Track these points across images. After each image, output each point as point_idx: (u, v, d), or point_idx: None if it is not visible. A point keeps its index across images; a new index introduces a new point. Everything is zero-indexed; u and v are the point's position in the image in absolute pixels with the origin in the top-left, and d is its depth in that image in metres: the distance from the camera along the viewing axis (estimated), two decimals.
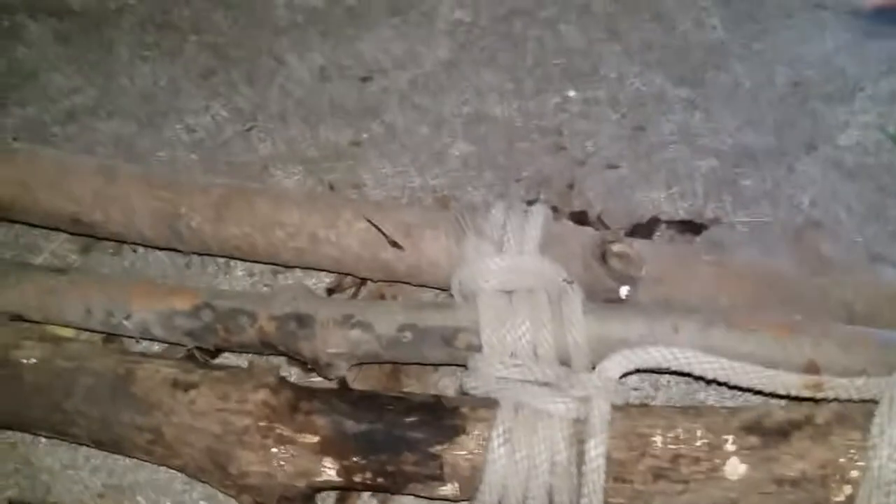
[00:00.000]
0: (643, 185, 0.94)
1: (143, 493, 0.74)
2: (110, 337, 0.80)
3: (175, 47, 1.16)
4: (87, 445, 0.73)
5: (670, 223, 0.90)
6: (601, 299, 0.75)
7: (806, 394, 0.62)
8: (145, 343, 0.80)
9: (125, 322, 0.74)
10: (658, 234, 0.89)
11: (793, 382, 0.63)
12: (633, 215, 0.91)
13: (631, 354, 0.65)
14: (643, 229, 0.90)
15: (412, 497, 0.72)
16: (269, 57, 1.13)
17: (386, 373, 0.81)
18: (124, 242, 0.84)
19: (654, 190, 0.94)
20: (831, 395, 0.62)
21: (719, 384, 0.67)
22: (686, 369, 0.64)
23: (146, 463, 0.75)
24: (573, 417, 0.63)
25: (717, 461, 0.61)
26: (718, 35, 1.11)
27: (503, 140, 1.00)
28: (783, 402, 0.66)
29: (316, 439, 0.66)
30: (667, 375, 0.79)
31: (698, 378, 0.68)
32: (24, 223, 0.88)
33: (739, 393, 0.71)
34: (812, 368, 0.66)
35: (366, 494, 0.73)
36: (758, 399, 0.69)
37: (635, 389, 0.78)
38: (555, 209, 0.89)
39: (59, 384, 0.69)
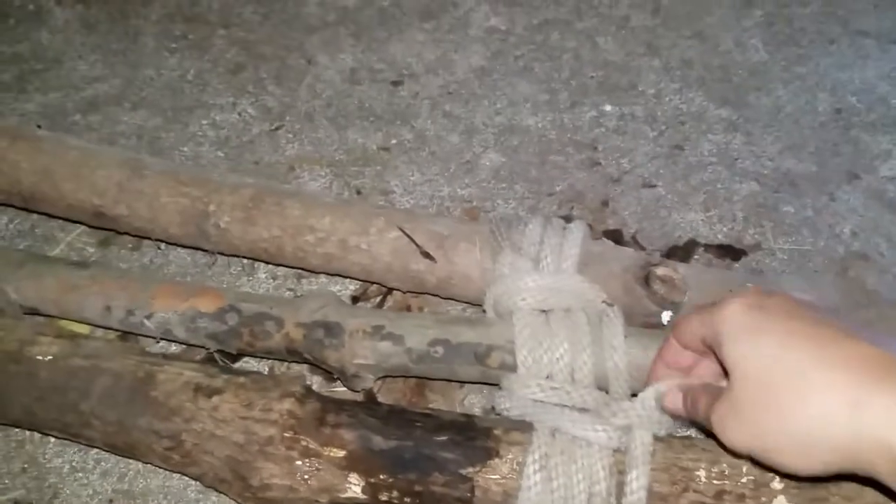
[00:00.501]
0: (680, 206, 0.92)
1: (155, 499, 0.71)
2: (126, 335, 0.78)
3: (203, 41, 1.14)
4: (101, 449, 0.70)
5: (708, 247, 0.88)
6: (639, 324, 0.72)
7: None
8: (162, 342, 0.78)
9: (146, 321, 0.72)
10: (696, 257, 0.87)
11: None
12: (670, 237, 0.89)
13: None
14: (680, 252, 0.87)
15: None
16: (299, 56, 1.11)
17: (410, 387, 0.78)
18: (147, 238, 0.82)
19: (692, 212, 0.91)
20: None
21: None
22: None
23: (159, 469, 0.72)
24: (614, 447, 0.60)
25: (764, 499, 0.58)
26: (761, 57, 1.08)
27: (536, 152, 0.98)
28: None
29: (343, 454, 0.63)
30: None
31: None
32: (43, 213, 0.85)
33: None
34: None
35: None
36: None
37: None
38: (589, 227, 0.86)
39: (75, 384, 0.66)
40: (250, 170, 0.95)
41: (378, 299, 0.84)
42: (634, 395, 0.63)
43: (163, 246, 0.87)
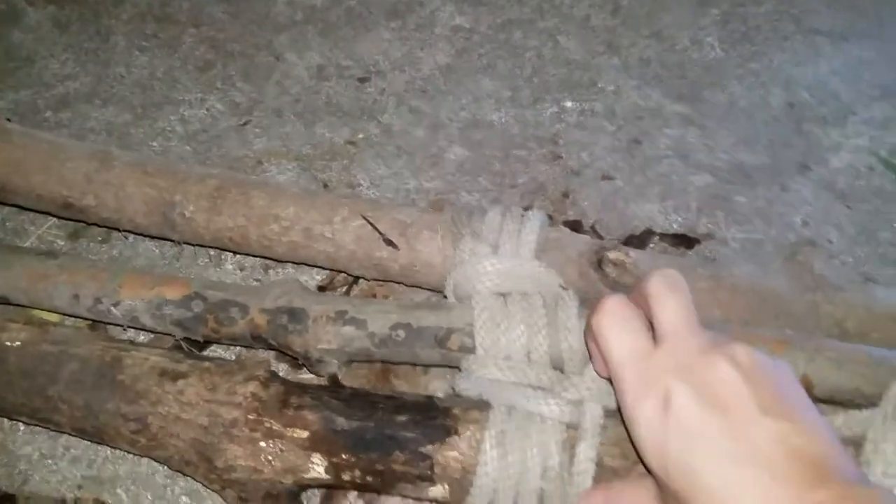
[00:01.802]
0: (637, 197, 0.95)
1: (124, 485, 0.72)
2: (96, 324, 0.79)
3: (173, 39, 1.15)
4: (69, 434, 0.72)
5: (664, 236, 0.91)
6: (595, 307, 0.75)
7: None
8: (131, 333, 0.79)
9: (113, 309, 0.73)
10: (651, 245, 0.89)
11: None
12: (627, 226, 0.92)
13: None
14: (637, 241, 0.90)
15: (400, 501, 0.72)
16: (268, 53, 1.13)
17: (375, 373, 0.80)
18: (115, 229, 0.83)
19: (648, 202, 0.94)
20: None
21: None
22: None
23: (127, 455, 0.74)
24: (566, 421, 0.62)
25: None
26: (716, 54, 1.12)
27: (499, 146, 1.00)
28: None
29: (305, 434, 0.65)
30: None
31: None
32: (13, 206, 0.86)
33: None
34: (806, 384, 0.66)
35: (352, 495, 0.72)
36: None
37: None
38: (549, 217, 0.89)
39: (43, 369, 0.68)
40: (218, 164, 0.96)
41: (344, 289, 0.86)
42: None
43: (131, 238, 0.88)
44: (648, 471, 0.49)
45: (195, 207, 0.77)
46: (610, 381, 0.59)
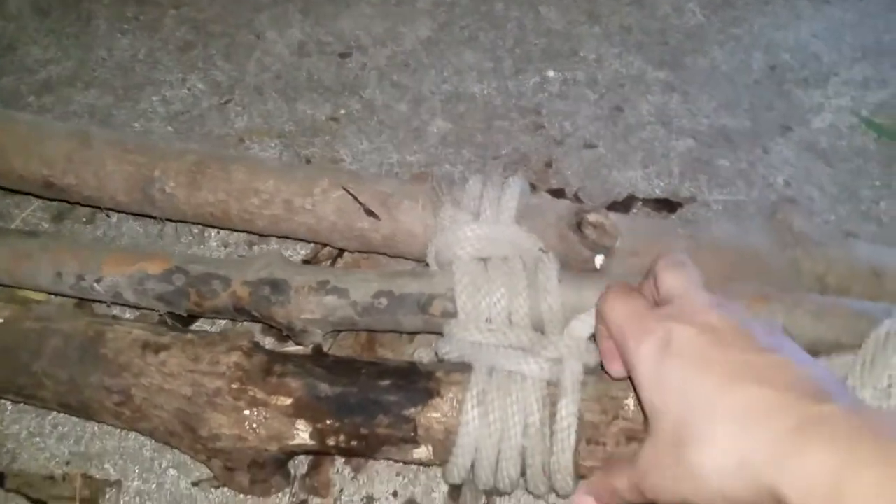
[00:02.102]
0: (620, 164, 0.95)
1: (111, 460, 0.73)
2: (82, 303, 0.79)
3: (154, 21, 1.15)
4: (55, 410, 0.72)
5: (646, 201, 0.91)
6: (576, 270, 0.75)
7: None
8: (117, 311, 0.79)
9: (95, 285, 0.73)
10: (634, 211, 0.90)
11: None
12: (610, 193, 0.92)
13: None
14: (620, 207, 0.90)
15: (386, 465, 0.72)
16: (248, 32, 1.12)
17: (361, 343, 0.81)
18: (97, 207, 0.83)
19: (631, 169, 0.94)
20: None
21: None
22: None
23: (114, 431, 0.74)
24: (546, 379, 0.63)
25: None
26: (697, 20, 1.12)
27: (482, 118, 1.00)
28: None
29: (289, 401, 0.65)
30: None
31: None
32: None
33: None
34: None
35: (339, 463, 0.73)
36: None
37: None
38: (532, 187, 0.89)
39: (26, 345, 0.68)
40: (200, 143, 0.96)
41: (329, 263, 0.87)
42: None
43: (115, 218, 0.88)
44: (646, 417, 0.49)
45: (175, 183, 0.77)
46: (624, 379, 0.59)
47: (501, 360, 0.64)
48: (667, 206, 0.90)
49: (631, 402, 0.62)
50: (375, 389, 0.66)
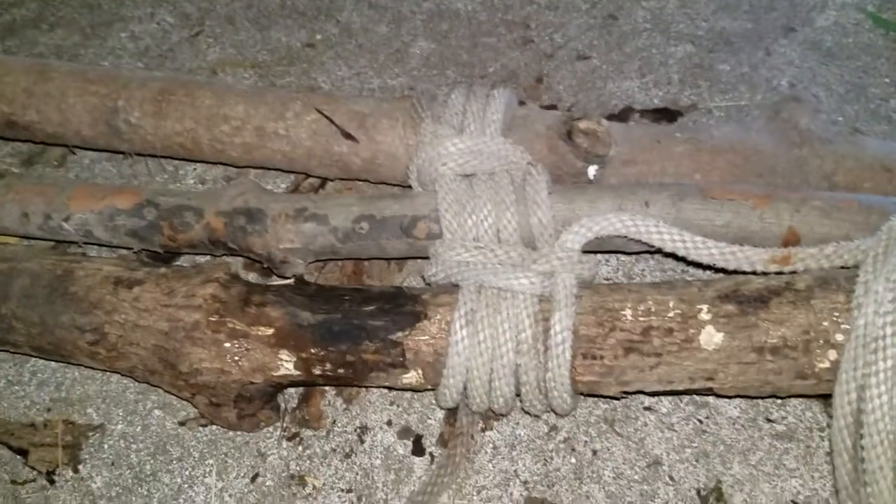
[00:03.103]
0: (615, 75, 0.90)
1: (94, 404, 0.70)
2: (57, 246, 0.76)
3: None
4: (29, 354, 0.69)
5: (644, 112, 0.86)
6: (569, 184, 0.71)
7: (773, 269, 0.59)
8: (94, 255, 0.76)
9: (65, 224, 0.70)
10: (631, 123, 0.85)
11: (759, 257, 0.59)
12: (606, 106, 0.87)
13: (589, 222, 0.61)
14: (616, 120, 0.85)
15: (379, 394, 0.69)
16: None
17: (347, 274, 0.77)
18: (65, 146, 0.79)
19: (627, 79, 0.89)
20: (801, 267, 0.58)
21: (688, 263, 0.63)
22: (644, 238, 0.60)
23: (96, 375, 0.71)
24: (538, 294, 0.59)
25: (692, 331, 0.57)
26: None
27: (466, 36, 0.95)
28: None
29: (271, 331, 0.62)
30: (641, 265, 0.75)
31: (668, 255, 0.65)
32: None
33: None
34: (792, 237, 0.62)
35: (331, 394, 0.70)
36: None
37: (607, 280, 0.74)
38: (522, 104, 0.84)
39: None
40: None
41: (312, 194, 0.83)
42: None
43: (87, 160, 0.85)
44: None
45: (140, 113, 0.73)
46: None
47: (490, 277, 0.60)
48: (666, 115, 0.85)
49: (628, 312, 0.58)
50: (360, 315, 0.62)
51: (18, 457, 0.67)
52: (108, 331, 0.63)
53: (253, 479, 0.65)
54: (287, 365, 0.63)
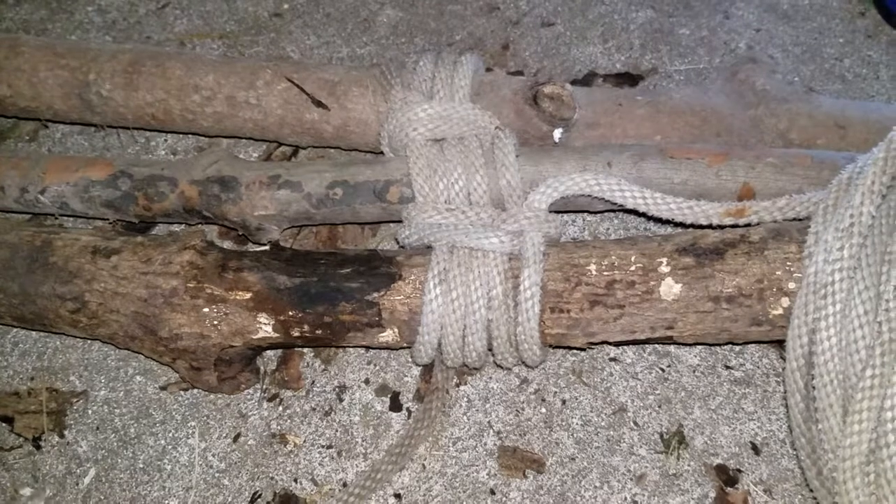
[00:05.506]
0: (579, 41, 0.92)
1: (76, 372, 0.72)
2: (33, 218, 0.77)
3: None
4: (11, 325, 0.71)
5: (607, 76, 0.88)
6: (536, 147, 0.73)
7: (728, 222, 0.62)
8: (70, 226, 0.77)
9: (41, 197, 0.71)
10: (595, 87, 0.87)
11: (714, 211, 0.62)
12: (570, 72, 0.89)
13: (554, 182, 0.64)
14: (580, 84, 0.87)
15: (356, 354, 0.71)
16: None
17: (322, 240, 0.79)
18: (37, 120, 0.80)
19: (591, 45, 0.91)
20: (755, 219, 0.61)
21: (649, 219, 0.66)
22: (607, 196, 0.63)
23: (77, 343, 0.73)
24: (507, 252, 0.62)
25: (652, 283, 0.60)
26: None
27: (433, 4, 0.96)
28: None
29: (248, 296, 0.64)
30: (605, 224, 0.78)
31: (630, 212, 0.68)
32: None
33: None
34: (747, 192, 0.65)
35: (309, 356, 0.72)
36: None
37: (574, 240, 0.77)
38: (489, 70, 0.86)
39: None
40: None
41: (285, 162, 0.84)
42: None
43: (59, 134, 0.85)
44: None
45: (111, 85, 0.74)
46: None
47: (462, 237, 0.62)
48: (628, 79, 0.88)
49: (593, 267, 0.61)
50: (336, 277, 0.64)
51: (4, 424, 0.68)
52: (89, 299, 0.64)
53: (235, 439, 0.67)
54: (266, 328, 0.64)
